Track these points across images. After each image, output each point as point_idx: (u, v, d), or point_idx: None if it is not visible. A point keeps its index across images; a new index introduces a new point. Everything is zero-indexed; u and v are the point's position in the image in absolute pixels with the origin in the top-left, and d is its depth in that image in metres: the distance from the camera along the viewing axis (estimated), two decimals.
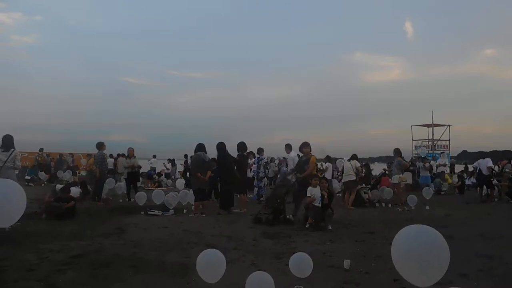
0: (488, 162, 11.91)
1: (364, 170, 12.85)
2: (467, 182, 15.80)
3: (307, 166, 7.97)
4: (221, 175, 9.34)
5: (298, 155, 9.55)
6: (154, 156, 20.48)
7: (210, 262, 3.40)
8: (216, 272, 3.36)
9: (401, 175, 11.13)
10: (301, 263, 3.81)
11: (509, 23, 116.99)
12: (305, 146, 8.31)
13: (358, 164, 11.19)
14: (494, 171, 12.46)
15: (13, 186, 3.83)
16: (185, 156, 18.94)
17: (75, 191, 10.85)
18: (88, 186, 11.53)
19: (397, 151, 11.79)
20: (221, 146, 9.32)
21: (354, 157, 11.08)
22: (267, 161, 16.17)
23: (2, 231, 6.10)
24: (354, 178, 10.59)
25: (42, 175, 17.50)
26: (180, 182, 13.82)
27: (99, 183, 10.65)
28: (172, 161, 19.93)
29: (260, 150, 11.97)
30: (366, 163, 15.99)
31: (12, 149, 7.39)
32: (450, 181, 16.47)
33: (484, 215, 8.77)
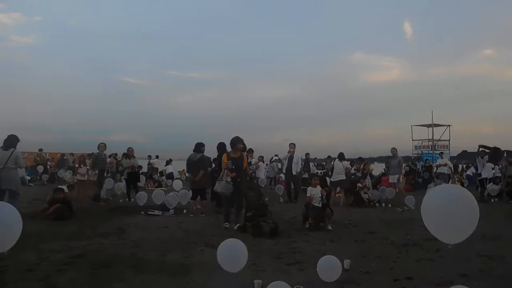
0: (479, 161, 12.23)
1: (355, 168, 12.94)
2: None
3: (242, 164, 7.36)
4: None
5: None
6: (157, 157, 20.45)
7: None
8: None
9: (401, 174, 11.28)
10: (330, 267, 3.83)
11: (507, 23, 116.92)
12: (240, 142, 7.32)
13: (349, 165, 11.69)
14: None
15: (9, 210, 3.60)
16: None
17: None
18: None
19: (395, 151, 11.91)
20: (220, 147, 9.29)
21: (342, 156, 11.41)
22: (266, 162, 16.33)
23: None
24: (344, 178, 11.01)
25: (41, 168, 18.21)
26: (177, 183, 13.82)
27: (99, 184, 10.65)
28: (168, 161, 19.92)
29: (250, 151, 12.16)
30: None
31: (13, 149, 7.14)
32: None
33: (484, 215, 8.75)
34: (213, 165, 10.21)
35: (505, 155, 13.75)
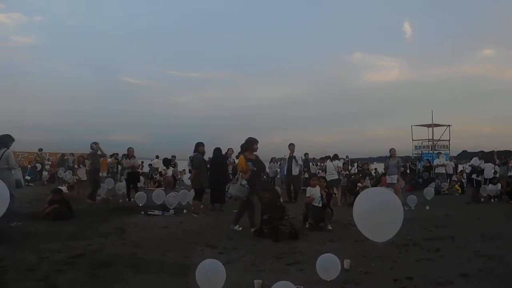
0: (475, 161, 12.26)
1: (351, 168, 13.07)
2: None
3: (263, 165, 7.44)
4: (214, 176, 9.61)
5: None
6: (157, 157, 20.41)
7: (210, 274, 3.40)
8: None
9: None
10: (329, 265, 3.84)
11: (507, 23, 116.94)
12: (256, 142, 7.10)
13: (340, 164, 11.80)
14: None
15: None
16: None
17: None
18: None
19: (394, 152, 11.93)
20: (215, 151, 9.96)
21: (335, 157, 11.82)
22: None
23: (3, 230, 6.13)
24: (337, 177, 11.18)
25: (38, 166, 18.53)
26: (187, 177, 13.80)
27: (95, 182, 10.69)
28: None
29: (229, 151, 12.50)
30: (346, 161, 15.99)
31: (5, 149, 6.96)
32: (460, 190, 14.79)
33: (484, 215, 8.76)
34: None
35: (495, 156, 13.82)
